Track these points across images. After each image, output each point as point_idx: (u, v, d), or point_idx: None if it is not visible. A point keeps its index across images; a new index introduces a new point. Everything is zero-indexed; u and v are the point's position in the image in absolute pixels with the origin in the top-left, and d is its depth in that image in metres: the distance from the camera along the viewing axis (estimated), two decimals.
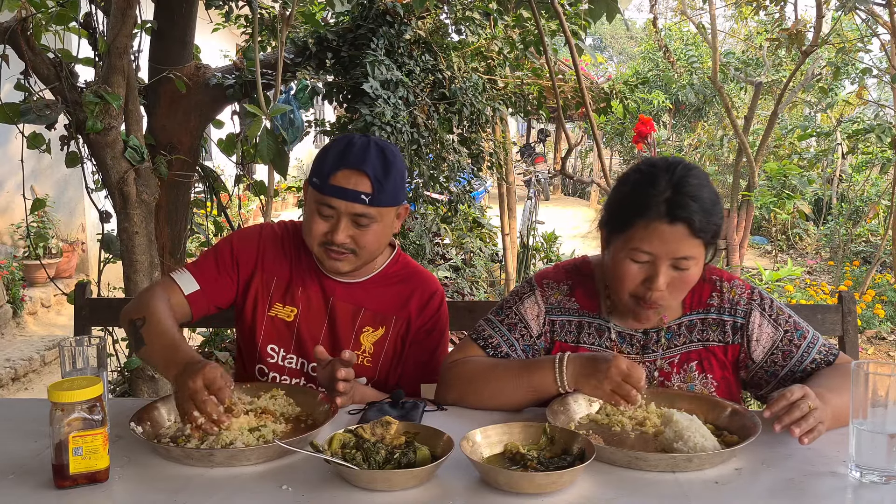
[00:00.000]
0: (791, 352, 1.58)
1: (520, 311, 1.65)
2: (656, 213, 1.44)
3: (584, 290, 1.66)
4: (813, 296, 6.95)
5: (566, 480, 1.20)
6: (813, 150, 11.07)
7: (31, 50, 2.51)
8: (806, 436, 1.30)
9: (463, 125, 3.68)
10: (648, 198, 1.45)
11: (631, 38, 24.96)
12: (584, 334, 1.63)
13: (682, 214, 1.43)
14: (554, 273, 1.70)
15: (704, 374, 1.61)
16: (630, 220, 1.47)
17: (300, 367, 1.78)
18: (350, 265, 1.70)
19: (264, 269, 1.78)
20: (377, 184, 1.62)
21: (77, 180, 6.10)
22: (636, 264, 1.49)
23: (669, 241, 1.45)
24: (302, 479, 1.23)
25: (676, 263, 1.47)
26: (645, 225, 1.45)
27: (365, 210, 1.63)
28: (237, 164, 3.48)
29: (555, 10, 3.29)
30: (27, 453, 1.34)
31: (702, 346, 1.61)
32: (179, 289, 1.70)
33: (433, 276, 1.88)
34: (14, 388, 4.91)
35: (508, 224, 6.20)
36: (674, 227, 1.44)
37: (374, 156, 1.63)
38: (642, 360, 1.61)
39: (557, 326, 1.65)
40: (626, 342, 1.63)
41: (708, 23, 6.51)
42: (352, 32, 3.35)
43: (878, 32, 5.80)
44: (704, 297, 1.63)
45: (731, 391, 1.64)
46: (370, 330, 1.78)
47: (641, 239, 1.46)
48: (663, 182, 1.46)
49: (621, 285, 1.52)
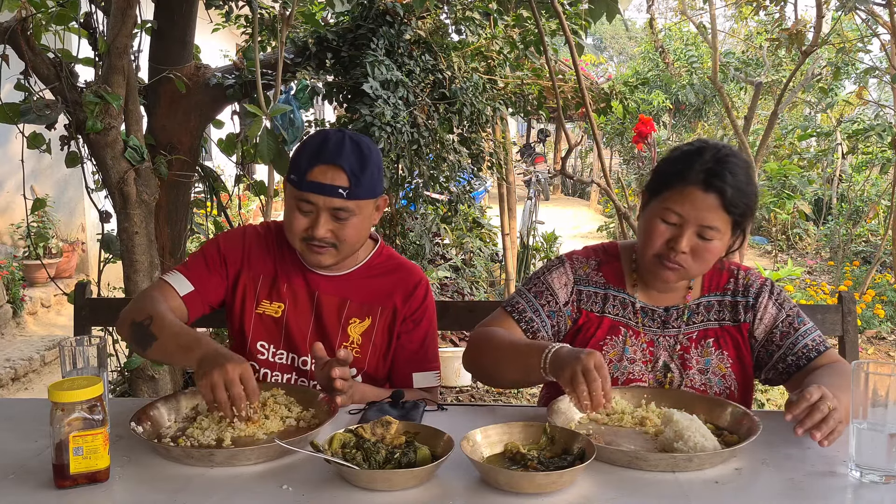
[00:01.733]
0: (788, 333, 1.67)
1: (547, 281, 1.74)
2: (694, 180, 1.56)
3: (610, 267, 1.76)
4: (813, 296, 6.95)
5: (566, 480, 1.20)
6: (813, 150, 11.08)
7: (31, 50, 2.51)
8: (826, 438, 1.32)
9: (463, 125, 3.68)
10: (691, 165, 1.57)
11: (631, 38, 24.96)
12: (609, 305, 1.72)
13: (717, 184, 1.54)
14: (583, 251, 1.81)
15: (721, 350, 1.69)
16: (670, 182, 1.60)
17: (290, 363, 1.80)
18: (332, 258, 1.73)
19: (250, 268, 1.80)
20: (353, 178, 1.64)
21: (77, 180, 6.10)
22: (664, 224, 1.59)
23: (700, 208, 1.55)
24: (302, 479, 1.23)
25: (702, 232, 1.57)
26: (681, 189, 1.57)
27: (343, 204, 1.65)
28: (237, 164, 3.48)
29: (555, 10, 3.29)
30: (27, 453, 1.34)
31: (717, 326, 1.71)
32: (175, 291, 1.72)
33: (417, 266, 1.90)
34: (14, 388, 4.91)
35: (508, 224, 6.20)
36: (707, 194, 1.55)
37: (350, 150, 1.65)
38: (663, 335, 1.70)
39: (584, 296, 1.73)
40: (649, 316, 1.71)
41: (708, 23, 6.50)
42: (352, 32, 3.35)
43: (878, 32, 5.80)
44: (722, 282, 1.74)
45: (745, 371, 1.70)
46: (357, 321, 1.79)
47: (675, 201, 1.57)
48: (708, 155, 1.57)
49: (648, 242, 1.62)
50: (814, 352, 1.65)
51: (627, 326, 1.70)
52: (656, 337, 1.69)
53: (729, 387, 1.67)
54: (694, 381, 1.66)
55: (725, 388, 1.67)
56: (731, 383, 1.67)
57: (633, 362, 1.67)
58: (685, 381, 1.66)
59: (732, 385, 1.68)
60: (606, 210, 13.31)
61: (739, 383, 1.68)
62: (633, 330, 1.70)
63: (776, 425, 1.43)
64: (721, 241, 1.59)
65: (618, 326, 1.70)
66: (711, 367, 1.68)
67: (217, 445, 1.36)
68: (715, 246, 1.59)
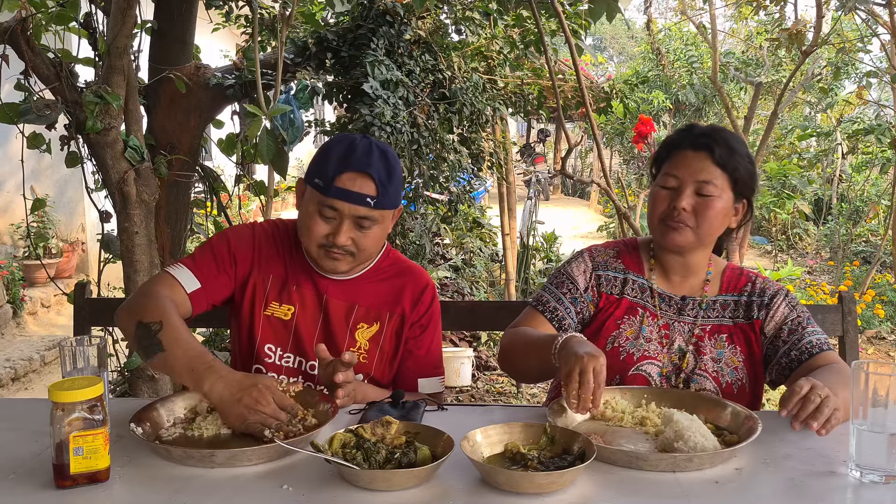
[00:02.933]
0: (796, 330, 1.72)
1: (567, 271, 1.82)
2: (686, 145, 1.70)
3: (629, 256, 1.83)
4: (813, 296, 6.95)
5: (566, 480, 1.20)
6: (813, 150, 11.08)
7: (31, 50, 2.51)
8: (823, 427, 1.34)
9: (463, 125, 3.68)
10: (683, 136, 1.73)
11: (631, 38, 24.94)
12: (628, 288, 1.78)
13: (705, 142, 1.67)
14: (603, 244, 1.89)
15: (734, 345, 1.73)
16: (666, 154, 1.73)
17: (298, 366, 1.78)
18: (348, 265, 1.72)
19: (260, 268, 1.77)
20: (381, 187, 1.63)
21: (77, 180, 6.10)
22: (665, 190, 1.70)
23: (692, 165, 1.67)
24: (302, 479, 1.23)
25: (699, 188, 1.66)
26: (674, 154, 1.71)
27: (369, 213, 1.64)
28: (237, 164, 3.48)
29: (555, 10, 3.29)
30: (27, 453, 1.34)
31: (732, 323, 1.76)
32: (181, 287, 1.67)
33: (423, 269, 1.89)
34: (14, 388, 4.91)
35: (508, 224, 6.20)
36: (697, 153, 1.68)
37: (378, 159, 1.64)
38: (678, 320, 1.75)
39: (604, 280, 1.80)
40: (665, 302, 1.77)
41: (708, 23, 6.51)
42: (352, 32, 3.35)
43: (878, 32, 5.80)
44: (741, 285, 1.79)
45: (755, 368, 1.73)
46: (365, 326, 1.78)
47: (671, 165, 1.70)
48: (698, 128, 1.74)
49: (654, 211, 1.71)
50: (816, 348, 1.68)
51: (645, 308, 1.76)
52: (672, 322, 1.75)
53: (740, 378, 1.70)
54: (707, 367, 1.70)
55: (737, 380, 1.70)
56: (743, 376, 1.70)
57: (650, 341, 1.72)
58: (699, 364, 1.70)
59: (744, 378, 1.70)
60: (606, 210, 13.32)
61: (750, 378, 1.71)
62: (651, 312, 1.76)
63: (776, 425, 1.43)
64: (721, 199, 1.66)
65: (636, 307, 1.76)
66: (724, 358, 1.72)
67: (217, 445, 1.36)
68: (716, 204, 1.66)
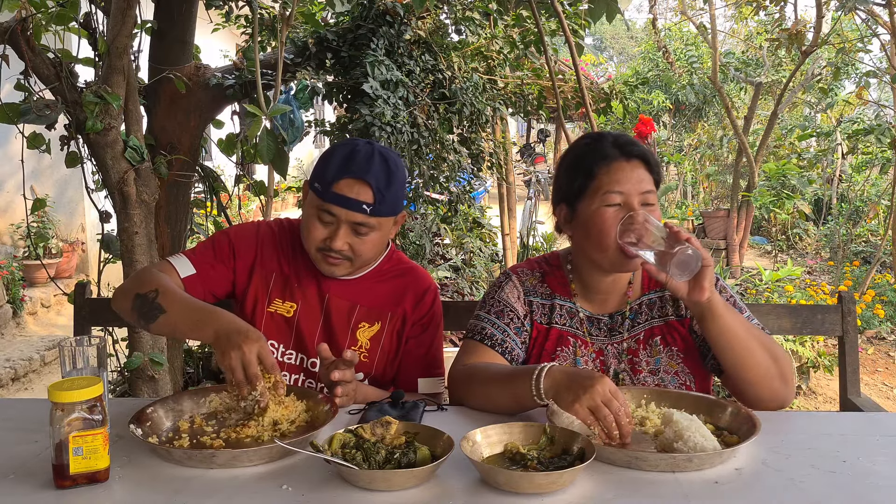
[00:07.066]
0: None
1: (502, 298, 1.72)
2: (613, 155, 1.59)
3: (554, 277, 1.74)
4: (813, 296, 6.94)
5: (566, 480, 1.20)
6: (813, 150, 11.07)
7: (31, 50, 2.51)
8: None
9: (463, 125, 3.68)
10: (601, 148, 1.61)
11: (631, 38, 24.94)
12: (556, 315, 1.70)
13: (635, 150, 1.60)
14: (526, 264, 1.79)
15: (669, 346, 1.68)
16: (592, 169, 1.60)
17: (299, 363, 1.79)
18: (345, 270, 1.73)
19: (263, 265, 1.79)
20: (379, 194, 1.63)
21: (77, 180, 6.11)
22: (611, 208, 1.57)
23: (632, 178, 1.58)
24: (302, 479, 1.23)
25: (644, 199, 1.58)
26: (607, 167, 1.59)
27: (365, 220, 1.65)
28: (237, 164, 3.48)
29: (555, 10, 3.29)
30: (27, 453, 1.34)
31: (662, 322, 1.69)
32: (176, 271, 1.70)
33: (426, 271, 1.89)
34: (14, 388, 4.91)
35: (508, 224, 6.20)
36: (631, 162, 1.59)
37: (378, 165, 1.64)
38: (610, 342, 1.68)
39: (535, 307, 1.72)
40: (595, 325, 1.70)
41: (708, 23, 6.51)
42: (352, 32, 3.35)
43: (878, 32, 5.81)
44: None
45: (697, 362, 1.68)
46: (366, 326, 1.79)
47: (609, 181, 1.58)
48: (608, 138, 1.64)
49: (606, 237, 1.56)
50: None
51: (576, 336, 1.68)
52: (604, 346, 1.68)
53: (684, 382, 1.65)
54: (647, 384, 1.64)
55: (680, 385, 1.65)
56: (686, 378, 1.65)
57: None
58: (638, 383, 1.64)
59: (687, 380, 1.66)
60: None
61: (695, 376, 1.67)
62: (582, 340, 1.68)
63: (776, 425, 1.43)
64: (657, 205, 1.61)
65: (566, 336, 1.68)
66: (662, 365, 1.66)
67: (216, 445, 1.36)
68: (657, 210, 1.60)
